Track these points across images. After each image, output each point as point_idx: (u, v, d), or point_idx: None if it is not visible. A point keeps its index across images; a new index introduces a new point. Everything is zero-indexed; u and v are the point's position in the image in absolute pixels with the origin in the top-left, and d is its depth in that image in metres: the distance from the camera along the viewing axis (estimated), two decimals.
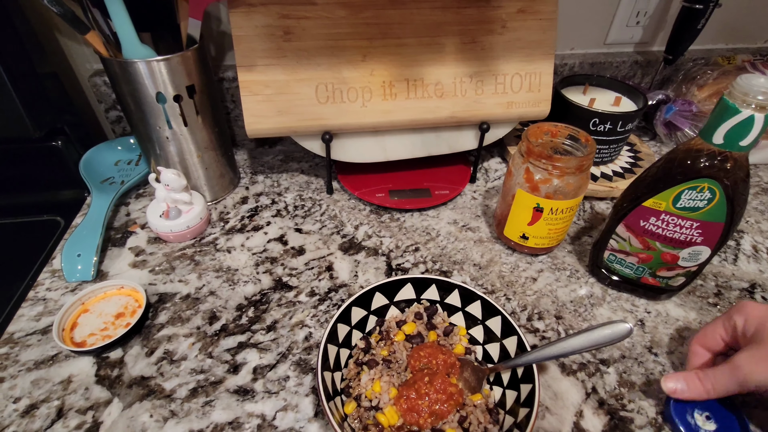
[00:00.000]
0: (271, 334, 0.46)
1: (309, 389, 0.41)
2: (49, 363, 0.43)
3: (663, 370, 0.44)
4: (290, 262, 0.54)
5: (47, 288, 0.50)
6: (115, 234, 0.57)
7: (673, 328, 0.47)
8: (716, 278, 0.53)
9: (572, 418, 0.40)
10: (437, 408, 0.34)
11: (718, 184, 0.39)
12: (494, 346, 0.40)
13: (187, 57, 0.50)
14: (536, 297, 0.51)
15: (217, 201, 0.63)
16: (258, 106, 0.54)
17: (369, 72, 0.55)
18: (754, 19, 0.80)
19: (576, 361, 0.44)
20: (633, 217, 0.45)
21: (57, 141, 0.61)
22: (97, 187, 0.60)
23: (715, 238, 0.42)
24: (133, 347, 0.45)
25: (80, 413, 0.39)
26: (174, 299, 0.49)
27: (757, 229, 0.61)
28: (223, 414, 0.39)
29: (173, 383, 0.42)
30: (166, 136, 0.54)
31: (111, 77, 0.51)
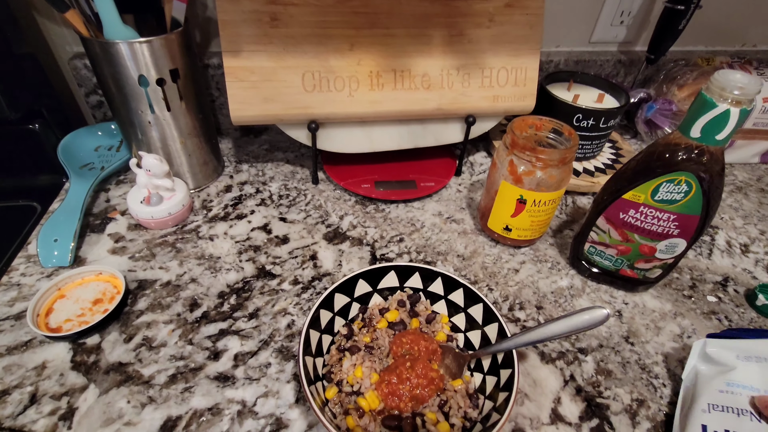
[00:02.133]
0: (253, 321, 0.46)
1: (291, 376, 0.41)
2: (22, 349, 0.42)
3: (639, 359, 0.45)
4: (274, 251, 0.54)
5: (21, 273, 0.49)
6: (94, 220, 0.56)
7: (649, 319, 0.49)
8: (691, 272, 0.55)
9: (550, 405, 0.40)
10: (418, 392, 0.35)
11: (694, 177, 0.40)
12: (475, 334, 0.41)
13: (171, 40, 0.49)
14: (518, 288, 0.51)
15: (200, 189, 0.62)
16: (243, 93, 0.53)
17: (356, 61, 0.55)
18: (733, 22, 0.82)
19: (555, 349, 0.45)
20: (613, 209, 0.46)
21: (34, 124, 0.59)
22: (76, 172, 0.58)
23: (691, 231, 0.44)
24: (111, 333, 0.44)
25: (55, 399, 0.38)
26: (154, 286, 0.48)
27: (731, 226, 0.63)
28: (203, 400, 0.39)
29: (152, 369, 0.41)
30: (149, 121, 0.53)
31: (92, 59, 0.49)
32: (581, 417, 0.40)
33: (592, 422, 0.39)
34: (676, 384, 0.42)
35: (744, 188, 0.70)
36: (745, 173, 0.74)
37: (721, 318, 0.49)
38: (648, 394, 0.42)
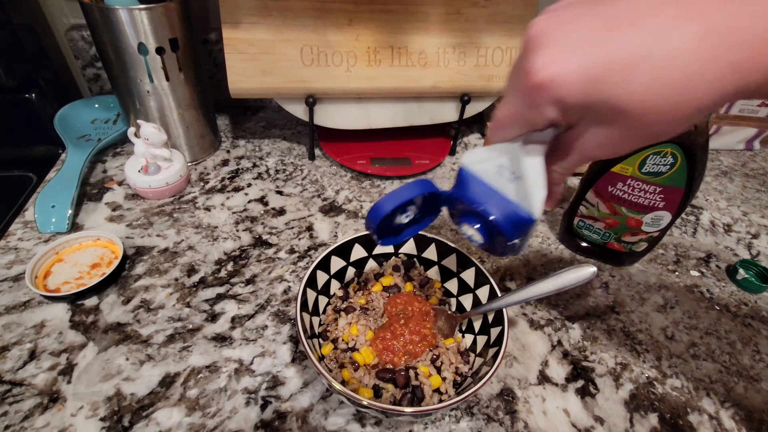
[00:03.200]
0: (250, 287, 0.47)
1: (287, 337, 0.42)
2: (21, 308, 0.42)
3: (623, 327, 0.46)
4: (270, 222, 0.54)
5: (19, 238, 0.49)
6: (90, 189, 0.56)
7: (635, 291, 0.50)
8: (676, 248, 0.57)
9: (538, 367, 0.42)
10: (411, 348, 0.36)
11: (680, 149, 0.41)
12: (467, 298, 0.42)
13: (171, 9, 0.50)
14: (509, 261, 0.53)
15: (197, 162, 0.63)
16: (242, 65, 0.54)
17: (354, 37, 0.56)
18: None
19: (543, 317, 0.46)
20: (602, 182, 0.47)
21: (31, 93, 0.59)
22: (73, 142, 0.58)
23: (676, 203, 0.45)
24: (109, 296, 0.44)
25: (54, 355, 0.39)
26: (152, 252, 0.49)
27: (715, 207, 0.64)
28: (201, 358, 0.40)
29: (150, 329, 0.42)
30: (147, 90, 0.53)
31: (91, 25, 0.50)
32: (567, 378, 0.41)
33: (577, 383, 0.41)
34: (659, 351, 0.44)
35: (729, 173, 0.72)
36: (731, 159, 0.76)
37: (703, 291, 0.51)
38: (631, 358, 0.43)
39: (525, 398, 0.39)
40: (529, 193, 0.25)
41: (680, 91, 0.17)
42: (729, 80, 0.17)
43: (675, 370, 0.43)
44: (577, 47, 0.18)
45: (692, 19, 0.17)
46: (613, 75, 0.18)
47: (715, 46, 0.16)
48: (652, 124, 0.19)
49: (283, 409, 0.37)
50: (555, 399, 0.39)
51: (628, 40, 0.18)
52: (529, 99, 0.20)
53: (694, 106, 0.18)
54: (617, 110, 0.19)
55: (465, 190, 0.28)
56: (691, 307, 0.49)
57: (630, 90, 0.18)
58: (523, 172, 0.25)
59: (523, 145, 0.25)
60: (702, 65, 0.17)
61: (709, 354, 0.44)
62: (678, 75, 0.17)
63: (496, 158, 0.26)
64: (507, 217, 0.26)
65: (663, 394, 0.40)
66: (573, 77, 0.19)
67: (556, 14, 0.20)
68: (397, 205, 0.28)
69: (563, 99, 0.19)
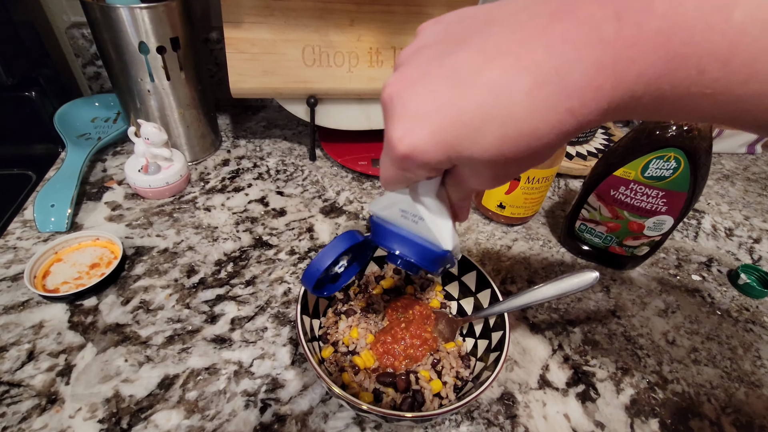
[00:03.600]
0: (250, 288, 0.46)
1: (287, 340, 0.42)
2: (19, 308, 0.42)
3: (624, 331, 0.46)
4: (271, 223, 0.54)
5: (18, 237, 0.49)
6: (90, 188, 0.56)
7: (636, 295, 0.50)
8: (678, 252, 0.57)
9: (539, 371, 0.42)
10: (412, 352, 0.36)
11: (683, 153, 0.41)
12: (468, 301, 0.42)
13: (172, 8, 0.49)
14: (510, 263, 0.53)
15: (198, 162, 0.62)
16: (243, 65, 0.53)
17: (356, 37, 0.55)
18: None
19: (544, 321, 0.46)
20: (604, 186, 0.47)
21: (31, 91, 0.59)
22: (73, 141, 0.58)
23: (678, 208, 0.45)
24: (108, 296, 0.44)
25: (52, 356, 0.39)
26: (151, 252, 0.49)
27: (717, 211, 0.64)
28: (200, 360, 0.40)
29: (149, 331, 0.41)
30: (148, 89, 0.53)
31: (92, 24, 0.49)
32: (568, 383, 0.41)
33: (578, 388, 0.41)
34: (660, 356, 0.44)
35: (731, 176, 0.72)
36: (732, 162, 0.76)
37: (704, 295, 0.51)
38: (632, 363, 0.43)
39: (525, 403, 0.39)
40: (434, 229, 0.27)
41: (529, 139, 0.18)
42: (568, 123, 0.17)
43: (676, 376, 0.42)
44: (426, 116, 0.19)
45: (523, 72, 0.17)
46: (463, 137, 0.19)
47: (549, 97, 0.17)
48: (515, 163, 0.20)
49: (283, 412, 0.36)
50: (555, 404, 0.39)
51: (468, 102, 0.18)
52: (400, 165, 0.22)
53: (548, 145, 0.19)
54: (477, 162, 0.20)
55: (380, 238, 0.30)
56: (692, 311, 0.49)
57: (483, 147, 0.19)
58: (423, 214, 0.27)
59: (416, 190, 0.27)
60: (541, 115, 0.17)
61: (710, 359, 0.44)
62: (522, 127, 0.18)
63: (397, 204, 0.28)
64: (422, 256, 0.28)
65: (664, 399, 0.40)
66: (429, 146, 0.20)
67: (405, 74, 0.21)
68: (327, 265, 0.30)
69: (427, 163, 0.20)
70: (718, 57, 0.14)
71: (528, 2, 0.18)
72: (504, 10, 0.19)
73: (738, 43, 0.14)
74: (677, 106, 0.17)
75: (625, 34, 0.15)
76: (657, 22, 0.15)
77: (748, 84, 0.15)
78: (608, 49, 0.16)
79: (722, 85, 0.15)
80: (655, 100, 0.16)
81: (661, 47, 0.15)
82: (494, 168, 0.20)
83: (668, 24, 0.15)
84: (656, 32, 0.15)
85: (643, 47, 0.15)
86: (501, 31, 0.18)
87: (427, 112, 0.19)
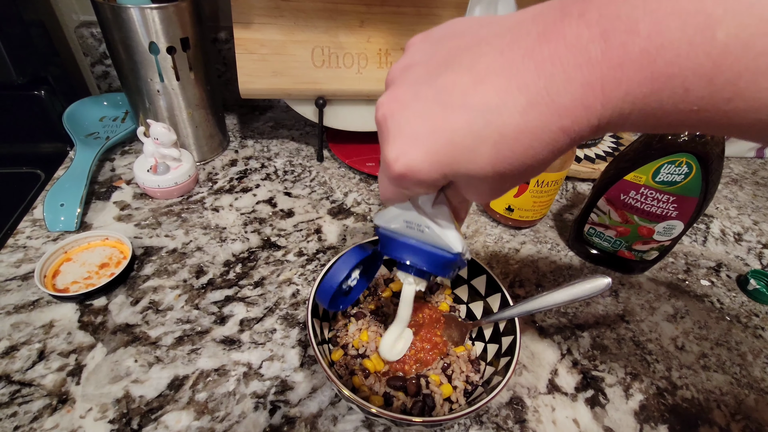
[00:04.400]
0: (259, 289, 0.46)
1: (296, 341, 0.42)
2: (29, 308, 0.42)
3: (633, 336, 0.46)
4: (279, 224, 0.54)
5: (27, 236, 0.49)
6: (99, 188, 0.56)
7: (644, 300, 0.50)
8: (686, 257, 0.56)
9: (548, 376, 0.42)
10: (422, 356, 0.36)
11: (695, 159, 0.41)
12: (477, 305, 0.42)
13: (182, 8, 0.49)
14: (518, 267, 0.52)
15: (206, 162, 0.63)
16: (252, 66, 0.53)
17: (366, 38, 0.55)
18: None
19: (553, 325, 0.46)
20: (614, 190, 0.47)
21: (40, 90, 0.59)
22: (81, 140, 0.58)
23: (689, 213, 0.45)
24: (118, 296, 0.44)
25: (63, 356, 0.39)
26: (160, 253, 0.49)
27: (725, 215, 0.64)
28: (209, 361, 0.40)
29: (159, 331, 0.42)
30: (157, 90, 0.53)
31: (102, 23, 0.49)
32: (577, 388, 0.41)
33: (587, 393, 0.40)
34: (669, 361, 0.44)
35: (739, 180, 0.72)
36: (741, 166, 0.75)
37: (713, 301, 0.51)
38: (641, 368, 0.43)
39: (534, 407, 0.39)
40: (441, 236, 0.27)
41: (523, 157, 0.19)
42: (561, 141, 0.18)
43: (685, 381, 0.42)
44: (420, 138, 0.20)
45: (514, 93, 0.17)
46: (458, 157, 0.19)
47: (541, 117, 0.17)
48: (511, 179, 0.20)
49: (292, 414, 0.36)
50: (565, 409, 0.39)
51: (460, 123, 0.18)
52: (397, 184, 0.22)
53: (542, 161, 0.19)
54: (473, 179, 0.20)
55: (389, 249, 0.30)
56: (701, 317, 0.49)
57: (477, 165, 0.19)
58: (427, 223, 0.27)
59: (416, 201, 0.27)
60: (534, 134, 0.18)
61: (719, 365, 0.44)
62: (514, 146, 0.18)
63: (401, 216, 0.28)
64: (433, 263, 0.29)
65: (673, 405, 0.40)
66: (424, 165, 0.20)
67: (397, 94, 0.21)
68: (340, 281, 0.30)
69: (423, 181, 0.21)
70: (703, 76, 0.15)
71: (515, 20, 0.19)
72: (492, 29, 0.19)
73: (721, 62, 0.14)
74: (666, 121, 0.17)
75: (612, 55, 0.15)
76: (642, 42, 0.15)
77: (732, 101, 0.15)
78: (596, 70, 0.16)
79: (707, 102, 0.15)
80: (644, 116, 0.17)
81: (646, 67, 0.15)
82: (490, 183, 0.21)
83: (653, 45, 0.15)
84: (641, 53, 0.15)
85: (629, 68, 0.15)
86: (490, 52, 0.18)
87: (420, 134, 0.20)
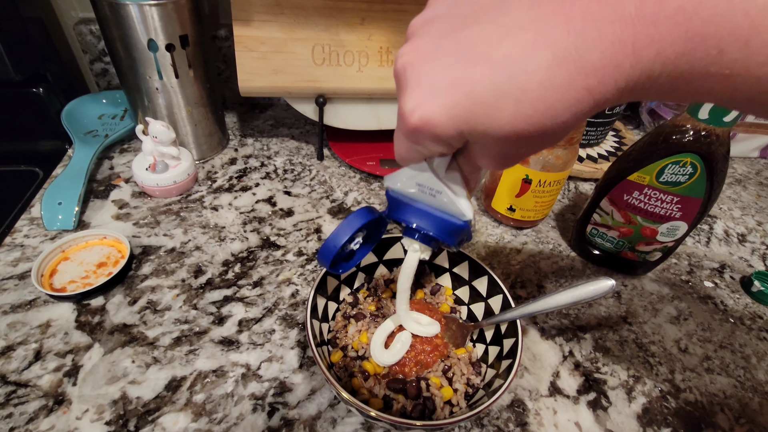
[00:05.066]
0: (258, 289, 0.46)
1: (294, 342, 0.41)
2: (26, 307, 0.42)
3: (636, 338, 0.45)
4: (278, 223, 0.54)
5: (25, 235, 0.48)
6: (97, 186, 0.56)
7: (647, 301, 0.50)
8: (690, 258, 0.56)
9: (549, 378, 0.41)
10: (422, 358, 0.35)
11: (700, 159, 0.40)
12: (479, 306, 0.41)
13: (181, 5, 0.49)
14: (520, 267, 0.52)
15: (205, 160, 0.62)
16: (252, 63, 0.53)
17: (367, 36, 0.55)
18: None
19: (555, 326, 0.46)
20: (617, 190, 0.47)
21: (38, 88, 0.59)
22: (80, 138, 0.58)
23: (693, 214, 0.44)
24: (116, 296, 0.44)
25: (59, 356, 0.38)
26: (158, 252, 0.48)
27: (729, 216, 0.63)
28: (207, 362, 0.39)
29: (156, 331, 0.41)
30: (156, 87, 0.52)
31: (100, 20, 0.49)
32: (579, 390, 0.40)
33: (589, 395, 0.40)
34: (672, 364, 0.43)
35: (743, 181, 0.71)
36: (745, 167, 0.75)
37: (717, 302, 0.50)
38: (644, 371, 0.43)
39: (536, 410, 0.38)
40: (454, 201, 0.26)
41: (543, 117, 0.18)
42: (586, 102, 0.17)
43: (688, 384, 0.42)
44: (439, 90, 0.19)
45: (541, 48, 0.17)
46: (476, 113, 0.19)
47: (567, 75, 0.17)
48: (529, 143, 0.20)
49: (291, 416, 0.36)
50: (566, 411, 0.39)
51: (482, 77, 0.18)
52: (411, 138, 0.22)
53: (562, 125, 0.18)
54: (489, 138, 0.20)
55: (398, 212, 0.29)
56: (704, 319, 0.48)
57: (496, 123, 0.19)
58: (440, 188, 0.26)
59: (428, 166, 0.26)
60: (557, 93, 0.17)
61: (723, 368, 0.44)
62: (537, 104, 0.18)
63: (414, 178, 0.27)
64: (441, 228, 0.28)
65: (676, 408, 0.40)
66: (441, 119, 0.19)
67: (418, 44, 0.20)
68: (343, 242, 0.30)
69: (439, 137, 0.20)
70: (739, 37, 0.14)
71: None
72: None
73: (759, 24, 0.14)
74: (694, 87, 0.16)
75: (646, 11, 0.15)
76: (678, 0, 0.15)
77: (767, 65, 0.14)
78: (628, 27, 0.15)
79: (741, 66, 0.15)
80: (672, 80, 0.16)
81: (681, 26, 0.15)
82: (505, 146, 0.20)
83: (690, 2, 0.14)
84: (677, 11, 0.15)
85: (664, 25, 0.15)
86: (518, 6, 0.18)
87: (439, 86, 0.19)
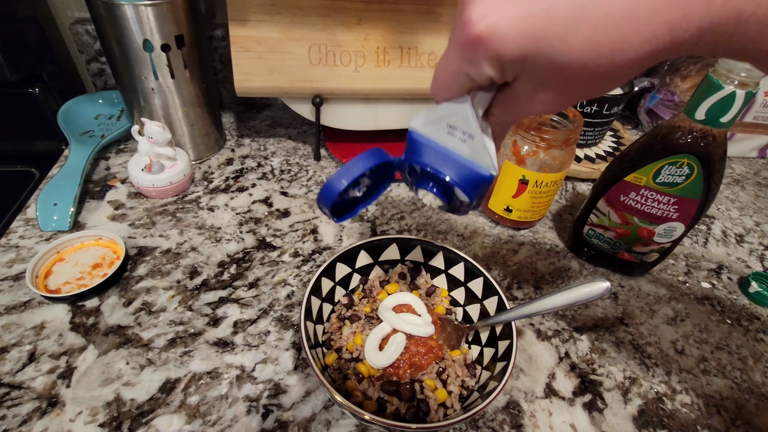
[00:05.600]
0: (253, 291, 0.46)
1: (290, 344, 0.41)
2: (21, 309, 0.42)
3: (632, 339, 0.45)
4: (274, 224, 0.54)
5: (20, 236, 0.48)
6: (93, 187, 0.56)
7: (644, 302, 0.49)
8: (687, 259, 0.56)
9: (545, 380, 0.41)
10: (417, 360, 0.35)
11: (696, 160, 0.40)
12: (474, 308, 0.41)
13: (177, 5, 0.49)
14: (516, 268, 0.52)
15: (201, 161, 0.62)
16: (249, 63, 0.53)
17: (363, 36, 0.55)
18: None
19: (551, 328, 0.45)
20: (614, 191, 0.46)
21: (34, 88, 0.58)
22: (76, 138, 0.58)
23: (690, 215, 0.44)
24: (111, 297, 0.44)
25: (53, 358, 0.38)
26: (154, 253, 0.48)
27: (727, 216, 0.63)
28: (202, 364, 0.39)
29: (151, 333, 0.41)
30: (152, 88, 0.52)
31: (96, 21, 0.49)
32: (575, 392, 0.40)
33: (585, 397, 0.40)
34: (668, 365, 0.43)
35: (741, 181, 0.71)
36: (743, 167, 0.74)
37: (714, 303, 0.50)
38: (641, 372, 0.42)
39: (531, 412, 0.38)
40: (484, 150, 0.24)
41: (616, 49, 0.17)
42: (662, 39, 0.17)
43: (685, 386, 0.42)
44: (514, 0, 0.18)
45: None
46: (550, 31, 0.17)
47: (651, 3, 0.16)
48: (588, 81, 0.19)
49: (285, 418, 0.36)
50: (562, 413, 0.38)
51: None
52: (467, 54, 0.20)
53: (629, 63, 0.18)
54: (554, 67, 0.18)
55: (418, 155, 0.26)
56: (701, 320, 0.48)
57: (568, 47, 0.17)
58: (474, 131, 0.24)
59: (469, 102, 0.23)
60: (638, 24, 0.16)
61: (719, 369, 0.43)
62: (615, 33, 0.17)
63: (444, 119, 0.25)
64: (465, 178, 0.25)
65: (672, 410, 0.40)
66: (511, 31, 0.18)
67: None
68: (351, 182, 0.27)
69: (501, 55, 0.19)
70: None
71: None
72: None
73: None
74: None
75: None
76: None
77: None
78: None
79: None
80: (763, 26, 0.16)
81: None
82: (564, 79, 0.19)
83: None
84: None
85: None
86: None
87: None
